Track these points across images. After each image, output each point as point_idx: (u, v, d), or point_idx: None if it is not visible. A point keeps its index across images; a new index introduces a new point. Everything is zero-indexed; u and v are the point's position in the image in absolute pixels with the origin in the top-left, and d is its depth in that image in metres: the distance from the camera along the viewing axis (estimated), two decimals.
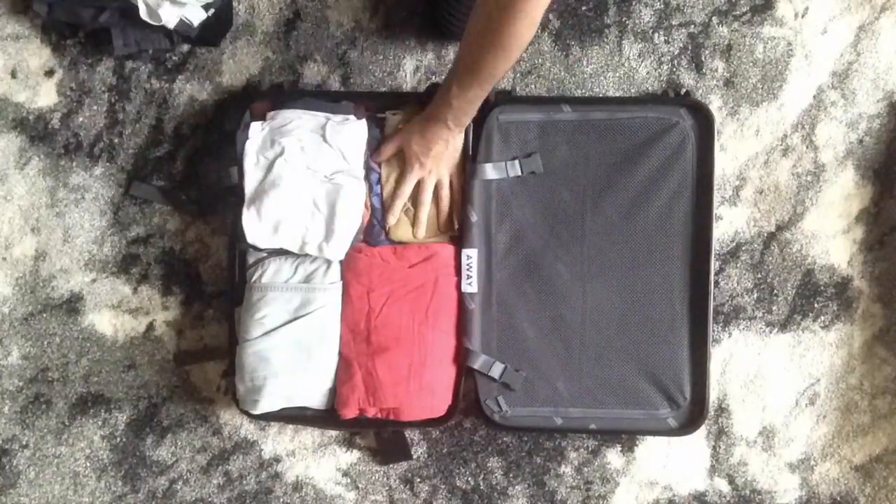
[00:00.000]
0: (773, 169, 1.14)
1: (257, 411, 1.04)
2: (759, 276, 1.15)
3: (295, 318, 1.03)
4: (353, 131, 1.04)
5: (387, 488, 1.17)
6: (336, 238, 1.03)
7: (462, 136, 1.04)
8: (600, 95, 1.13)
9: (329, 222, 1.03)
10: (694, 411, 1.09)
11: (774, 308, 1.15)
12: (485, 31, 0.83)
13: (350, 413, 1.04)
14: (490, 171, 1.07)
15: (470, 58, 0.89)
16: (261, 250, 1.06)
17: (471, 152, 1.07)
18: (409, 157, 1.04)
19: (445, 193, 1.07)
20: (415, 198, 1.06)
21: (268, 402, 1.04)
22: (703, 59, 1.13)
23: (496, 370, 1.08)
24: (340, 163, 1.04)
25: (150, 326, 1.16)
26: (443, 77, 1.13)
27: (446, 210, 1.07)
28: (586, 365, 1.08)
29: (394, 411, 1.04)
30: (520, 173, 1.08)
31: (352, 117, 1.05)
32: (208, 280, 1.15)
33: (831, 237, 1.15)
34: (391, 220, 1.06)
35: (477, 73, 0.90)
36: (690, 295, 1.08)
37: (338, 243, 1.04)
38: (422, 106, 1.04)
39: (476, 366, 1.07)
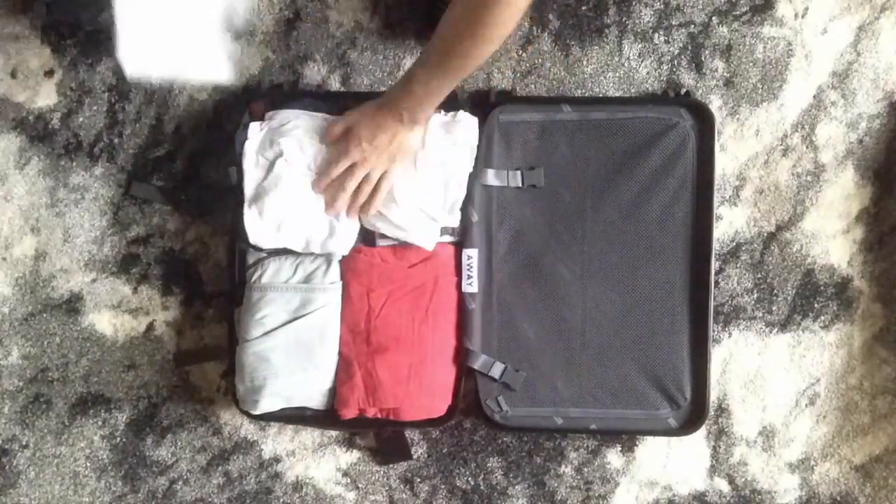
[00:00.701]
0: (773, 169, 1.14)
1: (257, 411, 1.04)
2: (759, 276, 1.15)
3: (295, 318, 1.03)
4: None
5: (387, 488, 1.17)
6: (339, 235, 1.03)
7: (414, 135, 0.98)
8: (600, 95, 1.13)
9: (331, 221, 1.03)
10: (694, 411, 1.09)
11: (774, 308, 1.15)
12: (464, 15, 0.80)
13: (350, 413, 1.04)
14: (491, 178, 1.07)
15: (443, 43, 0.85)
16: (263, 250, 1.06)
17: (475, 153, 1.05)
18: (351, 138, 0.98)
19: (366, 190, 1.00)
20: (340, 181, 1.00)
21: (268, 403, 1.04)
22: (703, 59, 1.13)
23: (496, 370, 1.07)
24: None
25: (150, 326, 1.16)
26: None
27: (357, 205, 1.01)
28: (586, 365, 1.09)
29: (394, 411, 1.04)
30: (520, 185, 1.08)
31: None
32: (208, 280, 1.15)
33: (831, 237, 1.15)
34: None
35: (448, 60, 0.85)
36: (690, 295, 1.08)
37: (342, 238, 1.04)
38: None
39: (476, 366, 1.07)
